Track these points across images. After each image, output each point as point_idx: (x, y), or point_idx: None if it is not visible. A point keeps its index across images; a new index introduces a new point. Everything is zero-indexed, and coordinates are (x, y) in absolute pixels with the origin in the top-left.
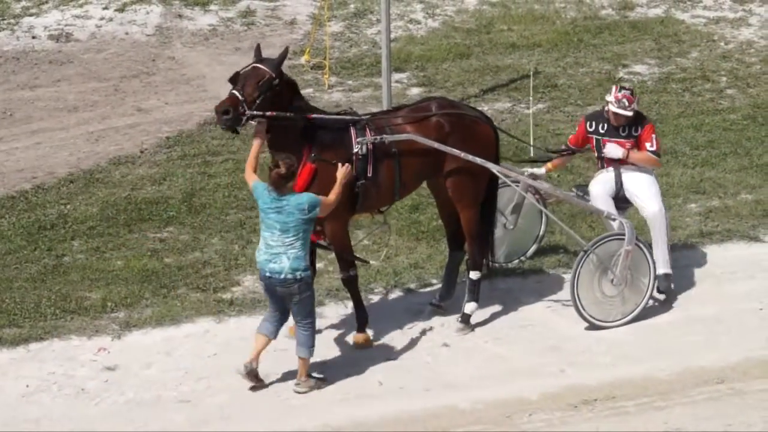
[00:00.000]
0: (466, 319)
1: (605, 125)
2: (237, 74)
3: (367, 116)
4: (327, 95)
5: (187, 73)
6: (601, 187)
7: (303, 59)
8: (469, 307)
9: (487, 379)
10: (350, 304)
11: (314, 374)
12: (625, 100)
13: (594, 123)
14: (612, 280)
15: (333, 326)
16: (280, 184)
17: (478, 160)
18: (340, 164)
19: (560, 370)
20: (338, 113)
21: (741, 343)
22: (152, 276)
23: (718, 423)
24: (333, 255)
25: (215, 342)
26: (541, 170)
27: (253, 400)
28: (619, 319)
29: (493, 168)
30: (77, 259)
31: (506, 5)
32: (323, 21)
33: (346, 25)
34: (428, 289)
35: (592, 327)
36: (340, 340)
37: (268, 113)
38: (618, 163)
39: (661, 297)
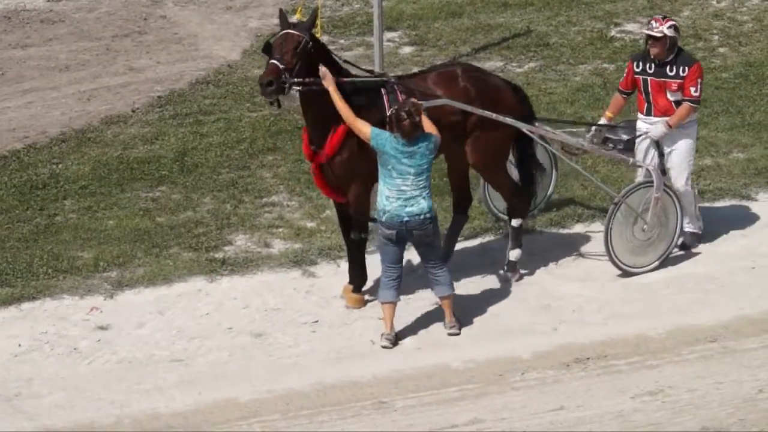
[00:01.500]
0: (512, 266)
1: (652, 64)
2: (269, 44)
3: (396, 78)
4: None
5: (178, 33)
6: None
7: (295, 18)
8: (513, 254)
9: (479, 338)
10: (342, 263)
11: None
12: (653, 23)
13: (641, 63)
14: (643, 228)
15: (325, 285)
16: (416, 132)
17: (509, 120)
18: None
19: (552, 328)
20: (369, 75)
21: (733, 302)
22: (144, 235)
23: (710, 381)
24: (325, 214)
25: (207, 301)
26: (601, 120)
27: (246, 359)
28: (650, 264)
29: (522, 126)
30: (69, 219)
31: None
32: None
33: None
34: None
35: (626, 274)
36: (332, 300)
37: (308, 80)
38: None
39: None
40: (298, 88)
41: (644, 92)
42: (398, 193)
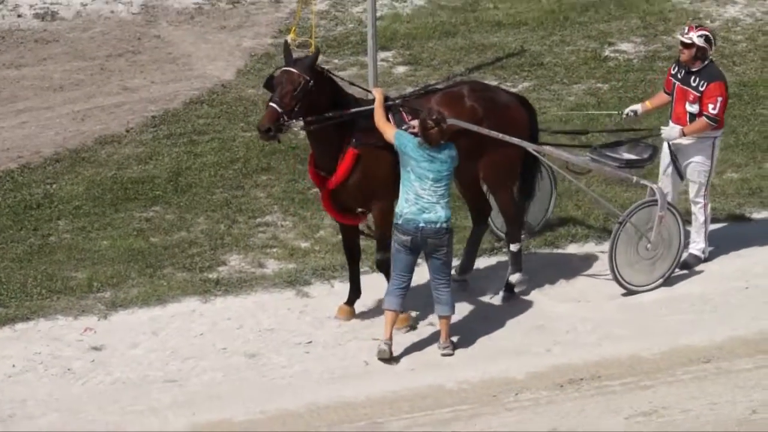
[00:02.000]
0: (510, 288)
1: (683, 70)
2: (271, 79)
3: (399, 99)
4: None
5: (172, 52)
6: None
7: (289, 38)
8: (514, 277)
9: (473, 359)
10: (336, 283)
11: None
12: (686, 28)
13: (677, 67)
14: (647, 246)
15: (319, 306)
16: (440, 140)
17: (515, 140)
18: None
19: (546, 349)
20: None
21: (727, 322)
22: (138, 256)
23: (704, 402)
24: (319, 234)
25: (201, 322)
26: (637, 106)
27: (240, 379)
28: (653, 283)
29: (529, 146)
30: (63, 239)
31: None
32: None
33: (331, 3)
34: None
35: (629, 293)
36: (325, 320)
37: (309, 119)
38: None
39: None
40: (296, 128)
41: (672, 95)
42: (416, 197)
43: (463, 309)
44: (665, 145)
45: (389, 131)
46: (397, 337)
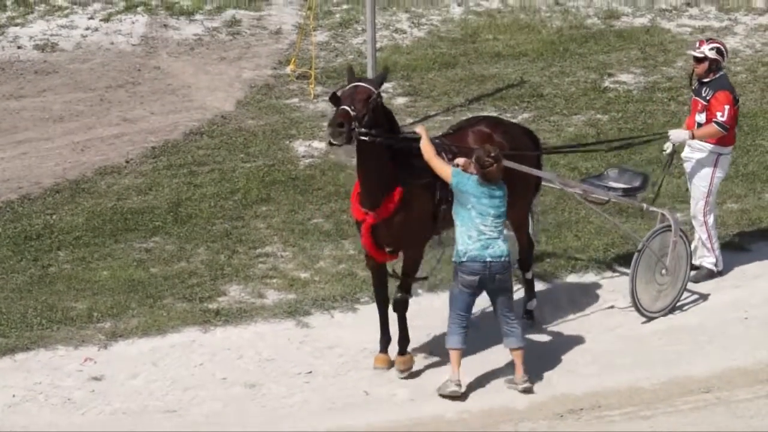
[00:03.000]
0: (531, 315)
1: (696, 83)
2: (335, 94)
3: (437, 140)
4: (312, 105)
5: (172, 83)
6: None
7: (288, 69)
8: (531, 304)
9: (473, 388)
10: (336, 313)
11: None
12: (697, 42)
13: (694, 80)
14: (662, 272)
15: (319, 336)
16: (499, 177)
17: (540, 173)
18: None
19: (546, 379)
20: (411, 133)
21: (726, 352)
22: (138, 286)
23: None
24: (319, 265)
25: (201, 352)
26: (685, 133)
27: (240, 410)
28: (663, 309)
29: (549, 176)
30: (63, 269)
31: (492, 15)
32: (309, 31)
33: (331, 34)
34: (415, 297)
35: (648, 319)
36: (325, 350)
37: (375, 133)
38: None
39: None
40: (364, 138)
41: (690, 108)
42: (478, 234)
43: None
44: (684, 164)
45: (445, 169)
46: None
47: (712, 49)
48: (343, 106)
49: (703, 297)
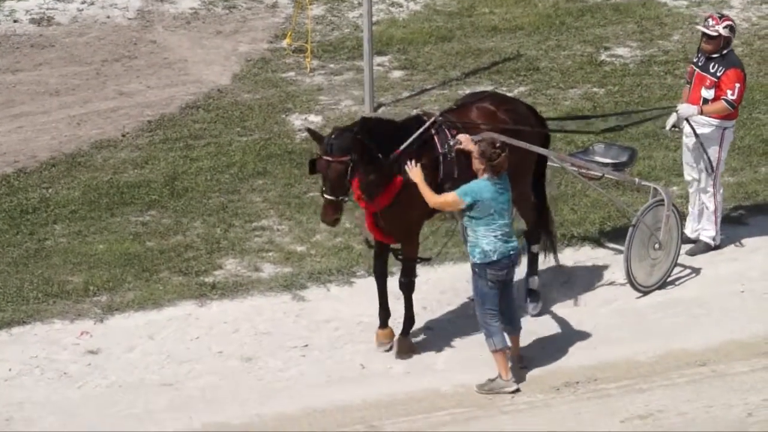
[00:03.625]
0: (536, 296)
1: (702, 57)
2: (313, 164)
3: (441, 116)
4: (309, 79)
5: (168, 57)
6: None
7: (285, 43)
8: (534, 282)
9: (469, 362)
10: (332, 286)
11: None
12: (710, 20)
13: (698, 54)
14: (655, 246)
15: (315, 309)
16: (506, 167)
17: (542, 151)
18: (413, 167)
19: (542, 352)
20: (409, 119)
21: (723, 325)
22: (134, 259)
23: (700, 405)
24: (315, 239)
25: (198, 325)
26: (693, 108)
27: (236, 383)
28: (656, 283)
29: (550, 154)
30: (59, 243)
31: None
32: (305, 4)
33: (327, 8)
34: None
35: (643, 294)
36: (321, 324)
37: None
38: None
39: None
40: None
41: (691, 81)
42: (503, 233)
43: (458, 312)
44: (683, 138)
45: (451, 198)
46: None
47: (726, 27)
48: (327, 197)
49: (700, 270)
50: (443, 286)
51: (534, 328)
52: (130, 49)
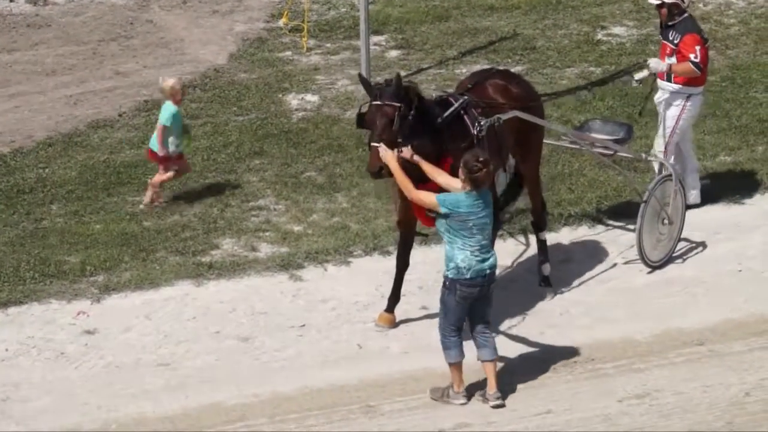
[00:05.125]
0: (548, 281)
1: (664, 26)
2: (361, 116)
3: (462, 97)
4: (305, 58)
5: (165, 37)
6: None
7: (281, 22)
8: (546, 268)
9: (466, 342)
10: (329, 266)
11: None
12: None
13: (661, 24)
14: (664, 221)
15: (312, 289)
16: (489, 180)
17: (554, 126)
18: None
19: (539, 332)
20: (437, 99)
21: (720, 305)
22: (131, 239)
23: (697, 385)
24: (312, 218)
25: (194, 305)
26: (663, 64)
27: (233, 363)
28: (664, 257)
29: (559, 128)
30: (56, 223)
31: None
32: None
33: None
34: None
35: (652, 270)
36: (318, 304)
37: (411, 150)
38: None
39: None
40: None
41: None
42: (480, 249)
43: None
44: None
45: (430, 198)
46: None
47: None
48: (373, 144)
49: (698, 249)
50: (440, 266)
51: (532, 307)
52: (127, 28)
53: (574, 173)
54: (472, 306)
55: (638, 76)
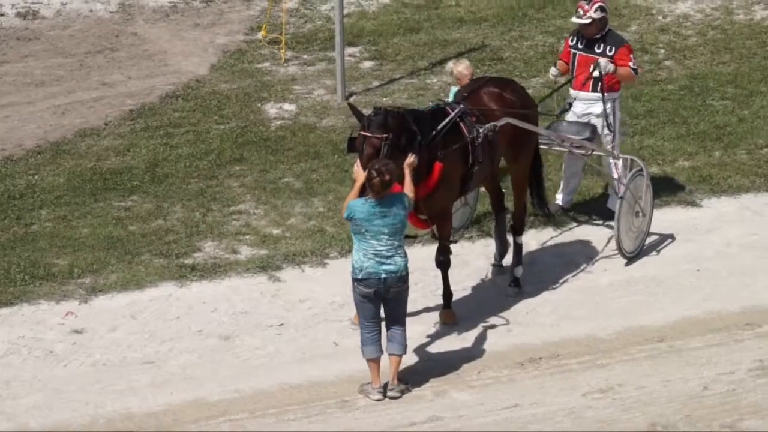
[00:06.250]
0: (517, 282)
1: (583, 40)
2: (351, 142)
3: (463, 105)
4: (283, 69)
5: (149, 49)
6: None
7: (260, 35)
8: (518, 270)
9: (438, 339)
10: (306, 268)
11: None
12: (580, 10)
13: (575, 38)
14: (638, 213)
15: (290, 290)
16: (385, 190)
17: (544, 131)
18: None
19: (507, 330)
20: (433, 109)
21: (679, 303)
22: (117, 243)
23: (658, 379)
24: (290, 222)
25: (178, 305)
26: (555, 70)
27: (215, 360)
28: (637, 248)
29: (551, 134)
30: (45, 227)
31: None
32: None
33: (300, 1)
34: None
35: (630, 261)
36: (296, 303)
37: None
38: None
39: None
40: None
41: (572, 66)
42: (374, 253)
43: (426, 291)
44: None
45: (344, 205)
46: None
47: (597, 10)
48: (371, 171)
49: (658, 251)
50: (412, 266)
51: (500, 305)
52: (112, 41)
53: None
54: (385, 304)
55: (595, 71)
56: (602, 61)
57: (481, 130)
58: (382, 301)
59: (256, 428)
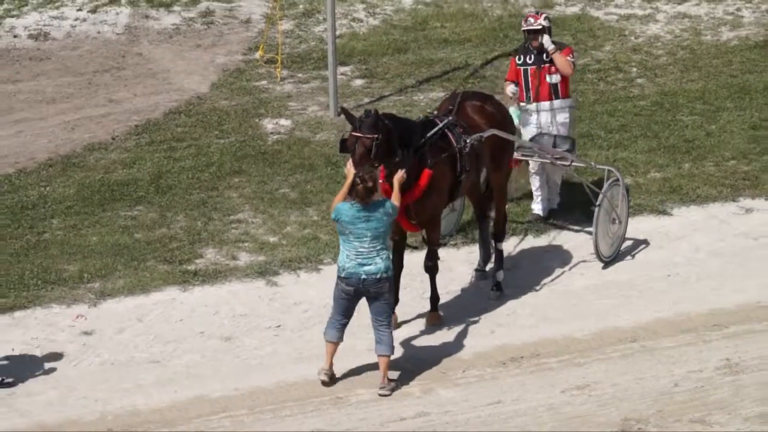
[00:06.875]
0: (499, 287)
1: (531, 56)
2: (343, 143)
3: (451, 118)
4: (279, 87)
5: (153, 68)
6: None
7: (257, 54)
8: (500, 275)
9: (424, 340)
10: (302, 273)
11: (390, 376)
12: (531, 19)
13: (522, 56)
14: (614, 220)
15: (287, 293)
16: (369, 196)
17: (526, 143)
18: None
19: (490, 331)
20: (423, 120)
21: (651, 306)
22: (124, 250)
23: (631, 377)
24: (286, 230)
25: (181, 309)
26: (515, 88)
27: (216, 360)
28: (614, 253)
29: (527, 144)
30: (56, 236)
31: (439, 4)
32: (275, 20)
33: (296, 23)
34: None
35: (606, 266)
36: (292, 306)
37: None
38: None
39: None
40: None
41: (524, 81)
42: (356, 254)
43: (413, 295)
44: (535, 117)
45: (333, 206)
46: (357, 319)
47: (545, 18)
48: (357, 175)
49: (633, 256)
50: (412, 272)
51: (483, 308)
52: (119, 61)
53: (520, 188)
54: (369, 303)
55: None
56: (545, 39)
57: (468, 141)
58: (367, 300)
59: (254, 424)
